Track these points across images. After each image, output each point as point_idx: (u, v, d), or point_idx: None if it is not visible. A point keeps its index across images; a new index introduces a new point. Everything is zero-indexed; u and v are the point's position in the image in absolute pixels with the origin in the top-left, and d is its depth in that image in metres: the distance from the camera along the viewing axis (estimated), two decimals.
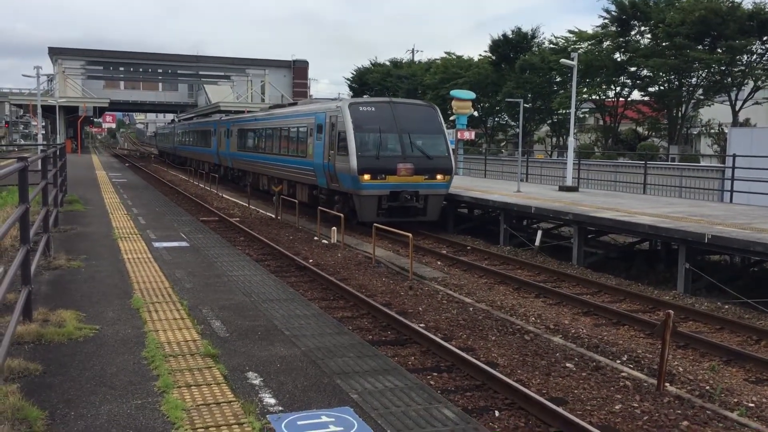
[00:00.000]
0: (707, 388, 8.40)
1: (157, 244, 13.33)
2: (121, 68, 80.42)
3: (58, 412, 5.26)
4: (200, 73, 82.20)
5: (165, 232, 15.06)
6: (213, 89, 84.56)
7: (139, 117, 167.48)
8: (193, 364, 6.41)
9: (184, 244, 13.63)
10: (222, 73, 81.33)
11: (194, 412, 5.26)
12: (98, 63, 77.72)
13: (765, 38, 37.16)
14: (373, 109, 20.57)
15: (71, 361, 6.41)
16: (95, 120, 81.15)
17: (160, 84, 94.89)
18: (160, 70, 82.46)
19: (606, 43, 44.15)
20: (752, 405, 7.91)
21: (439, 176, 20.33)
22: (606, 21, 44.07)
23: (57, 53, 74.10)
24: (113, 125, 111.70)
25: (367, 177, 19.47)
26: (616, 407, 7.62)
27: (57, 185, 15.96)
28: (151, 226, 15.94)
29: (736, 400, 8.06)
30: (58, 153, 17.39)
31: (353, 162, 19.44)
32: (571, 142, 25.19)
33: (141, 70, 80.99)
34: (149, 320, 7.87)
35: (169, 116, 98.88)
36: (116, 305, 8.53)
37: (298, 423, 5.15)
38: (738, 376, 9.08)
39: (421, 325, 10.77)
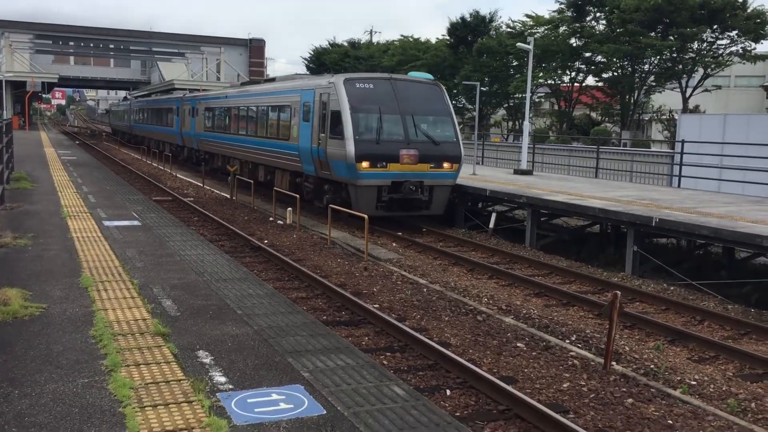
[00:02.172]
0: (652, 366, 8.64)
1: (107, 223, 13.07)
2: (71, 43, 78.11)
3: (1, 391, 5.15)
4: (153, 49, 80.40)
5: (116, 211, 14.77)
6: (167, 66, 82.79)
7: (90, 94, 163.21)
8: (143, 342, 6.34)
9: (135, 223, 13.39)
10: (176, 50, 79.66)
11: (142, 391, 5.21)
12: (47, 37, 75.31)
13: (715, 27, 38.02)
14: (372, 86, 17.92)
15: (16, 340, 6.27)
16: (44, 96, 78.95)
17: (112, 60, 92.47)
18: (111, 46, 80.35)
19: (562, 29, 44.64)
20: (694, 383, 8.17)
21: (446, 164, 17.84)
22: (562, 6, 44.55)
23: (3, 26, 71.56)
24: (63, 102, 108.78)
25: (365, 165, 16.90)
26: (564, 385, 7.78)
27: (3, 162, 15.48)
28: (101, 205, 15.62)
29: (679, 378, 8.31)
30: (3, 129, 16.85)
31: (350, 147, 16.84)
32: (527, 126, 25.45)
33: (92, 45, 78.79)
34: (98, 299, 7.74)
35: (122, 93, 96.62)
36: (64, 284, 8.36)
37: (249, 401, 5.14)
38: (681, 355, 9.36)
39: (376, 305, 10.81)
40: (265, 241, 15.69)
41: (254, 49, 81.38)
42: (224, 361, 5.93)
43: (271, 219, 19.09)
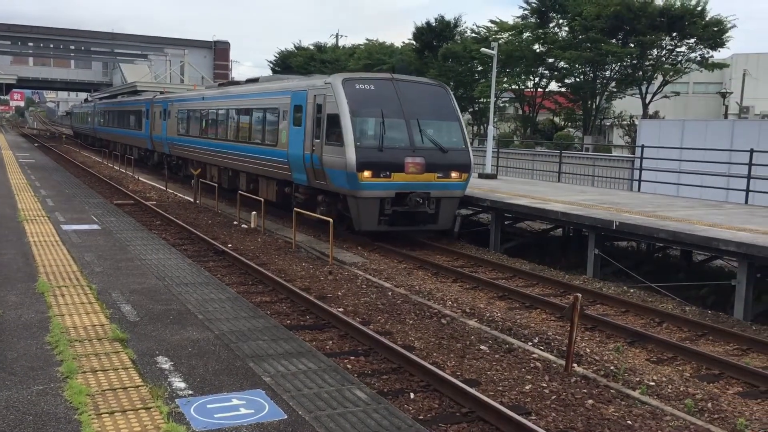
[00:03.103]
0: (612, 368, 8.76)
1: (66, 227, 12.82)
2: (30, 43, 76.53)
3: None
4: (116, 51, 79.21)
5: (75, 215, 14.50)
6: (129, 68, 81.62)
7: (49, 95, 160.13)
8: (100, 348, 6.22)
9: (95, 227, 13.16)
10: (139, 52, 78.59)
11: (99, 398, 5.11)
12: (5, 37, 73.62)
13: (674, 34, 38.80)
14: (373, 87, 16.35)
15: None
16: (1, 97, 77.17)
17: (72, 61, 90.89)
18: (72, 47, 78.96)
19: (526, 34, 45.13)
20: (653, 383, 8.30)
21: (454, 174, 16.29)
22: (526, 12, 45.05)
23: None
24: (21, 103, 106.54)
25: (367, 174, 15.33)
26: (527, 387, 7.85)
27: None
28: (60, 209, 15.32)
29: (638, 379, 8.43)
30: None
31: (350, 155, 15.25)
32: (491, 130, 25.65)
33: (52, 46, 77.32)
34: (55, 304, 7.58)
35: (82, 95, 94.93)
36: (19, 289, 8.17)
37: (208, 406, 5.08)
38: (641, 357, 9.51)
39: (340, 309, 10.78)
40: (229, 245, 15.54)
41: (219, 51, 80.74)
42: (184, 367, 5.85)
43: (235, 223, 18.92)
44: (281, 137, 18.59)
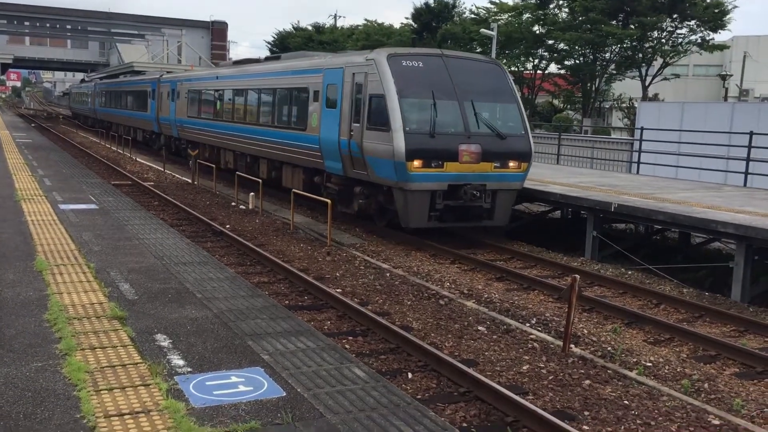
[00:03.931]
0: (609, 349, 8.79)
1: (63, 207, 12.79)
2: (27, 23, 75.92)
3: None
4: (112, 30, 78.64)
5: (72, 195, 14.47)
6: (126, 48, 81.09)
7: (46, 75, 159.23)
8: (99, 326, 6.22)
9: (92, 206, 13.13)
10: (136, 32, 78.02)
11: (98, 374, 5.12)
12: (1, 16, 73.10)
13: (675, 16, 38.61)
14: (421, 64, 14.53)
15: None
16: None
17: (69, 41, 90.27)
18: (69, 27, 78.34)
19: (526, 16, 44.89)
20: (650, 364, 8.33)
21: (512, 163, 14.59)
22: None
23: None
24: (18, 83, 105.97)
25: (417, 164, 13.61)
26: (524, 368, 7.88)
27: None
28: (57, 188, 15.28)
29: (635, 359, 8.47)
30: None
31: (398, 142, 13.51)
32: None
33: (48, 25, 76.73)
34: (53, 282, 7.58)
35: (79, 75, 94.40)
36: (18, 267, 8.16)
37: (207, 383, 5.09)
38: (638, 338, 9.54)
39: (338, 290, 10.80)
40: (227, 226, 15.53)
41: (216, 31, 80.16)
42: (183, 345, 5.86)
43: (233, 204, 18.89)
44: (311, 120, 16.74)
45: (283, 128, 18.39)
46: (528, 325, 9.66)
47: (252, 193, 18.60)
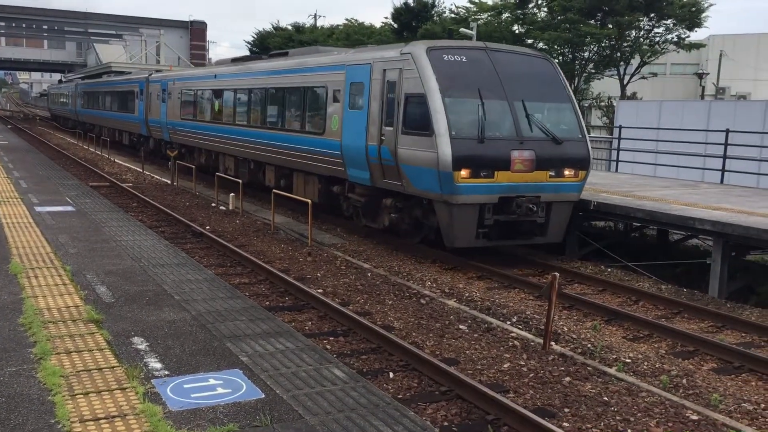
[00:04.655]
0: (589, 346, 8.83)
1: (39, 209, 12.63)
2: (2, 23, 75.00)
3: None
4: (90, 31, 77.93)
5: (49, 197, 14.29)
6: (104, 49, 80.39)
7: (22, 76, 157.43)
8: (75, 330, 6.14)
9: (69, 208, 12.98)
10: (114, 32, 77.39)
11: (73, 378, 5.05)
12: None
13: (652, 15, 38.94)
14: (464, 58, 12.83)
15: None
16: None
17: (46, 41, 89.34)
18: (45, 27, 77.56)
19: (505, 15, 45.04)
20: (629, 360, 8.39)
21: (568, 172, 12.90)
22: None
23: None
24: None
25: (465, 174, 11.91)
26: (505, 366, 7.89)
27: None
28: (33, 190, 15.09)
29: (614, 356, 8.52)
30: None
31: (444, 149, 11.80)
32: None
33: (24, 25, 75.87)
34: (28, 286, 7.47)
35: (56, 76, 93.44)
36: None
37: (185, 386, 5.04)
38: (617, 334, 9.60)
39: (319, 290, 10.76)
40: (207, 227, 15.43)
41: (195, 31, 79.68)
42: (160, 347, 5.80)
43: (213, 205, 18.77)
44: (331, 124, 15.04)
45: (296, 132, 16.70)
46: (509, 323, 9.69)
47: (232, 194, 18.49)
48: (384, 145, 13.15)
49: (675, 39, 40.57)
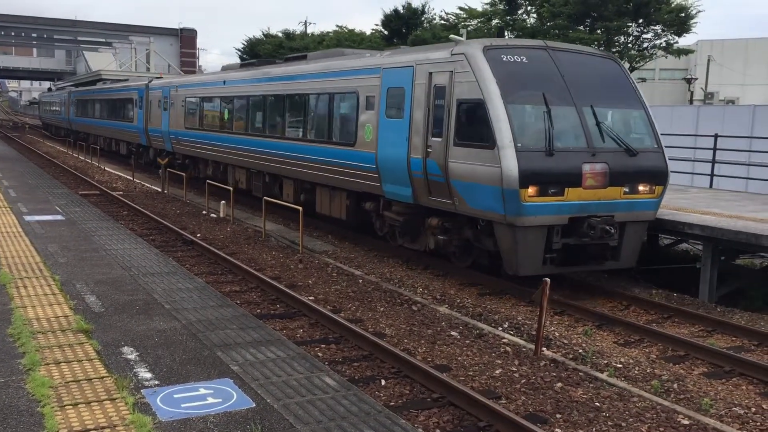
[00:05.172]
0: (580, 351, 8.85)
1: (28, 218, 12.57)
2: None
3: None
4: (79, 38, 77.76)
5: (38, 206, 14.22)
6: (93, 56, 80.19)
7: (11, 84, 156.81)
8: (64, 340, 6.10)
9: (59, 217, 12.92)
10: (103, 40, 77.25)
11: (62, 389, 5.01)
12: None
13: (640, 21, 39.20)
14: (525, 59, 11.39)
15: None
16: None
17: (35, 50, 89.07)
18: (34, 35, 77.31)
19: (495, 21, 45.22)
20: (620, 366, 8.40)
21: (643, 187, 11.44)
22: None
23: None
24: None
25: (532, 191, 10.45)
26: (497, 372, 7.89)
27: None
28: (22, 199, 15.01)
29: (606, 361, 8.53)
30: None
31: (508, 163, 10.36)
32: None
33: (13, 33, 75.58)
34: (17, 296, 7.42)
35: (46, 84, 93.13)
36: None
37: (175, 396, 5.01)
38: (608, 340, 9.62)
39: (311, 297, 10.74)
40: (198, 235, 15.38)
41: (185, 39, 79.62)
42: (150, 357, 5.77)
43: (204, 212, 18.72)
44: (363, 134, 13.65)
45: (320, 143, 15.24)
46: (500, 329, 9.69)
47: (223, 202, 18.45)
48: (431, 158, 11.76)
49: (663, 45, 40.84)
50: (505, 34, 41.55)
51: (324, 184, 15.45)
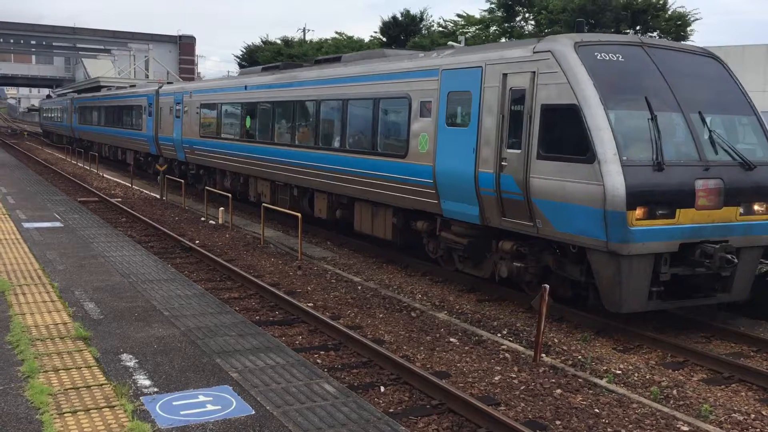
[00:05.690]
0: (579, 357, 8.84)
1: (27, 225, 12.56)
2: None
3: None
4: (78, 46, 77.92)
5: (37, 213, 14.22)
6: (92, 63, 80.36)
7: (10, 92, 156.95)
8: (63, 347, 6.09)
9: (57, 224, 12.91)
10: (102, 47, 77.45)
11: (61, 397, 5.00)
12: None
13: (638, 27, 39.34)
14: (621, 57, 9.83)
15: None
16: None
17: (34, 57, 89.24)
18: (33, 42, 77.47)
19: (493, 28, 45.36)
20: (619, 372, 8.40)
21: (758, 207, 9.89)
22: (493, 6, 45.29)
23: None
24: None
25: (640, 214, 8.93)
26: (496, 378, 7.89)
27: None
28: (21, 206, 15.01)
29: (605, 368, 8.53)
30: None
31: (614, 180, 8.85)
32: None
33: (12, 41, 75.74)
34: (15, 303, 7.41)
35: (44, 91, 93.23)
36: None
37: (174, 404, 5.00)
38: (607, 346, 9.61)
39: (310, 304, 10.73)
40: (197, 242, 15.38)
41: (184, 46, 79.84)
42: (149, 364, 5.76)
43: (202, 219, 18.72)
44: (418, 144, 12.18)
45: (362, 154, 13.78)
46: (499, 335, 9.69)
47: (222, 208, 18.46)
48: (506, 173, 10.27)
49: None
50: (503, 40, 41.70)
51: (364, 198, 13.95)
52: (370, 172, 13.35)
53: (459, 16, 48.30)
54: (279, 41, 70.57)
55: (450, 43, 28.53)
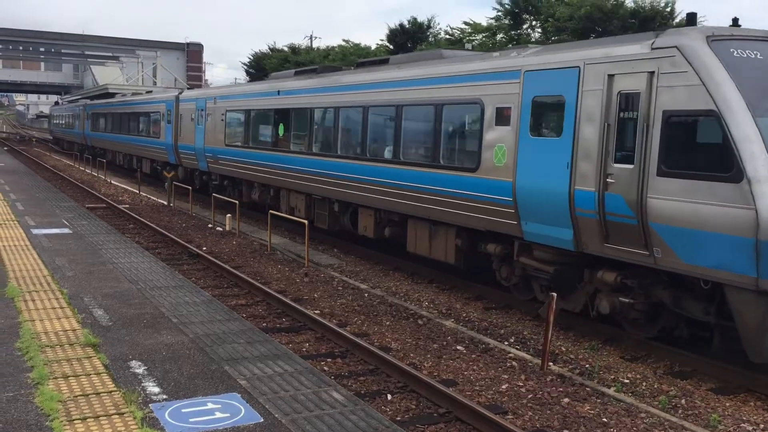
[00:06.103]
0: (587, 366, 8.82)
1: (36, 231, 12.63)
2: (0, 45, 75.39)
3: None
4: (86, 53, 78.32)
5: (46, 219, 14.29)
6: (100, 70, 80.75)
7: (19, 98, 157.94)
8: (72, 354, 6.12)
9: (66, 230, 12.98)
10: (110, 54, 77.79)
11: (71, 404, 5.03)
12: None
13: None
14: (759, 55, 8.38)
15: None
16: None
17: (42, 63, 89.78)
18: (42, 49, 77.93)
19: (499, 36, 45.41)
20: (627, 381, 8.38)
21: None
22: (499, 14, 45.36)
23: None
24: None
25: None
26: (503, 387, 7.88)
27: None
28: (30, 213, 15.09)
29: (613, 376, 8.51)
30: None
31: (765, 203, 7.42)
32: None
33: (21, 48, 76.22)
34: (25, 309, 7.45)
35: (53, 98, 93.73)
36: None
37: (183, 411, 5.02)
38: (615, 354, 9.58)
39: (316, 311, 10.75)
40: (204, 248, 15.42)
41: (192, 53, 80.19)
42: (158, 371, 5.79)
43: (210, 226, 18.77)
44: (492, 156, 10.76)
45: (421, 166, 12.35)
46: (506, 343, 9.68)
47: (229, 215, 18.51)
48: (613, 191, 8.83)
49: None
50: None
51: (421, 217, 12.58)
52: (430, 187, 11.99)
53: (466, 23, 48.37)
54: (286, 48, 70.82)
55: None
